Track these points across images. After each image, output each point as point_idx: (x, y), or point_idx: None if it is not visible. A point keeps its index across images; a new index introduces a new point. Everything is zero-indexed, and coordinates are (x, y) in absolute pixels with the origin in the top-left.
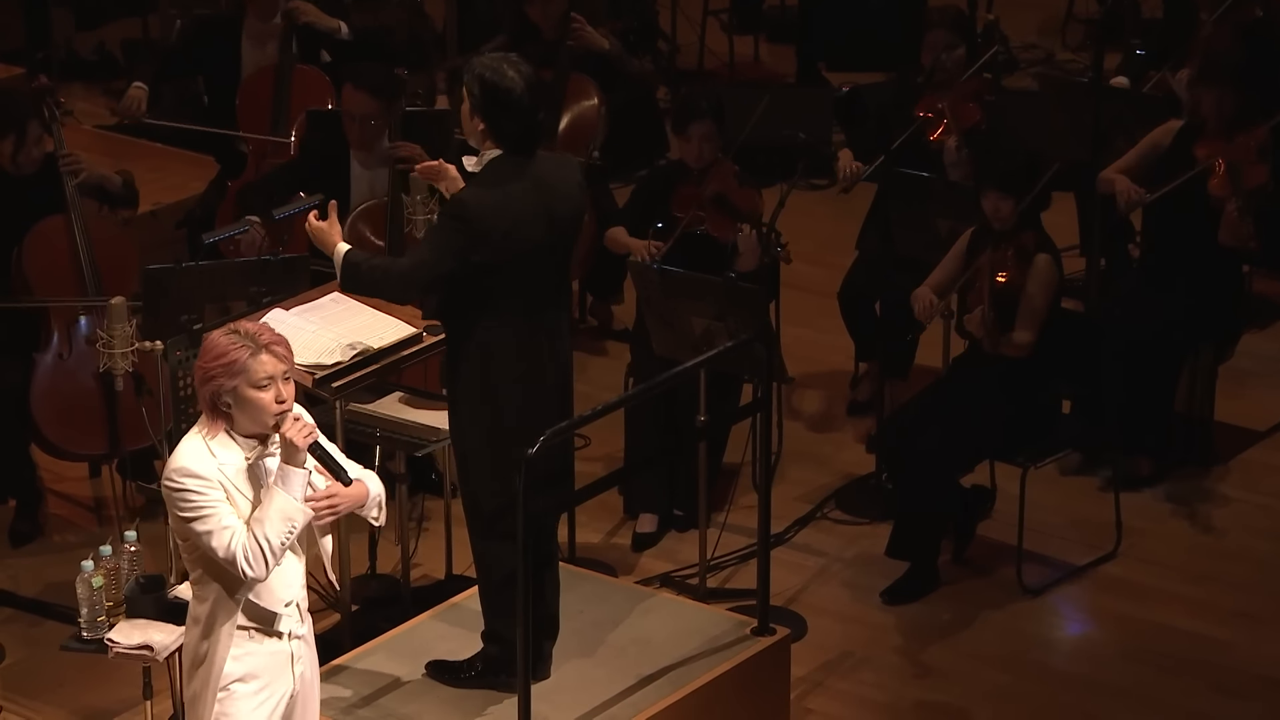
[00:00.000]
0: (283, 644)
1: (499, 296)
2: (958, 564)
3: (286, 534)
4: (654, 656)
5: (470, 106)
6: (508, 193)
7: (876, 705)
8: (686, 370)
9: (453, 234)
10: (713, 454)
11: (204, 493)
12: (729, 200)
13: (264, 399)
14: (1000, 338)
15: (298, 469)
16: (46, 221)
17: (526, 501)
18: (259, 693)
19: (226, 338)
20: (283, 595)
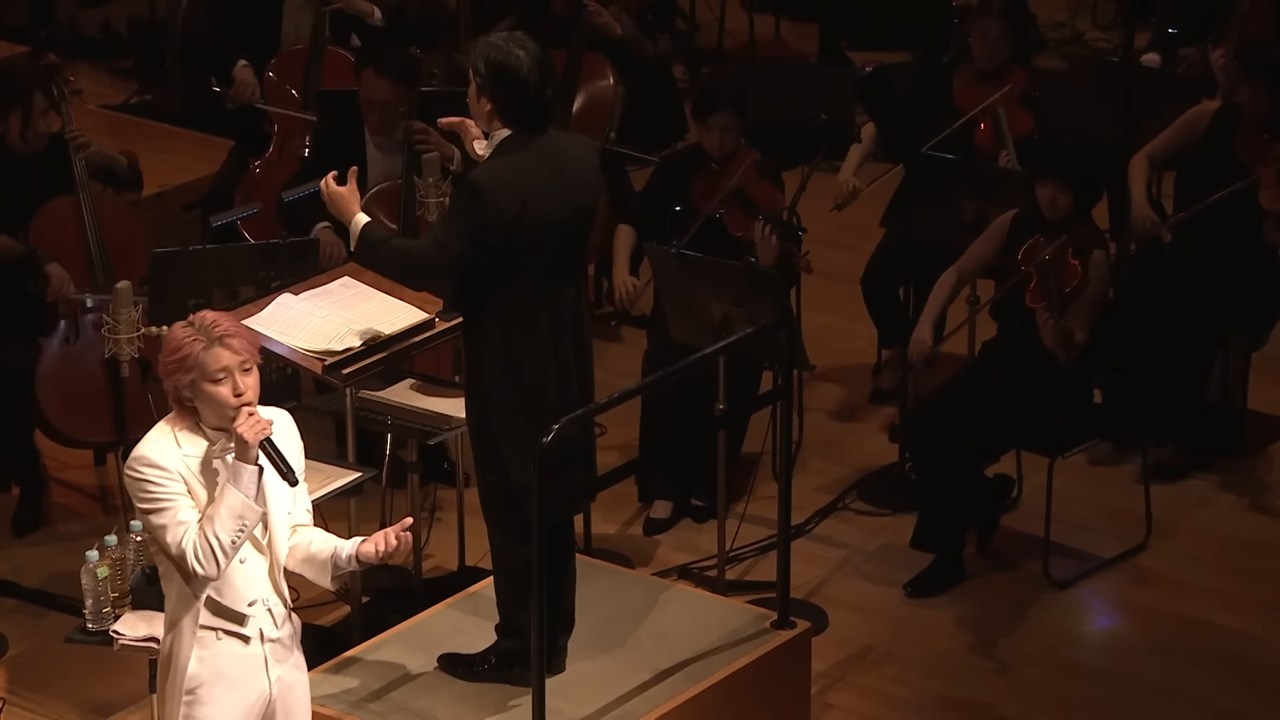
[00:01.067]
0: (253, 647)
1: (515, 276)
2: (983, 556)
3: (237, 532)
4: (671, 650)
5: (477, 88)
6: (519, 171)
7: (899, 701)
8: (705, 357)
9: (467, 215)
10: (732, 443)
11: (163, 484)
12: (748, 196)
13: (220, 393)
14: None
15: (248, 465)
16: (54, 202)
17: (542, 490)
18: (226, 696)
19: (183, 331)
20: (246, 594)
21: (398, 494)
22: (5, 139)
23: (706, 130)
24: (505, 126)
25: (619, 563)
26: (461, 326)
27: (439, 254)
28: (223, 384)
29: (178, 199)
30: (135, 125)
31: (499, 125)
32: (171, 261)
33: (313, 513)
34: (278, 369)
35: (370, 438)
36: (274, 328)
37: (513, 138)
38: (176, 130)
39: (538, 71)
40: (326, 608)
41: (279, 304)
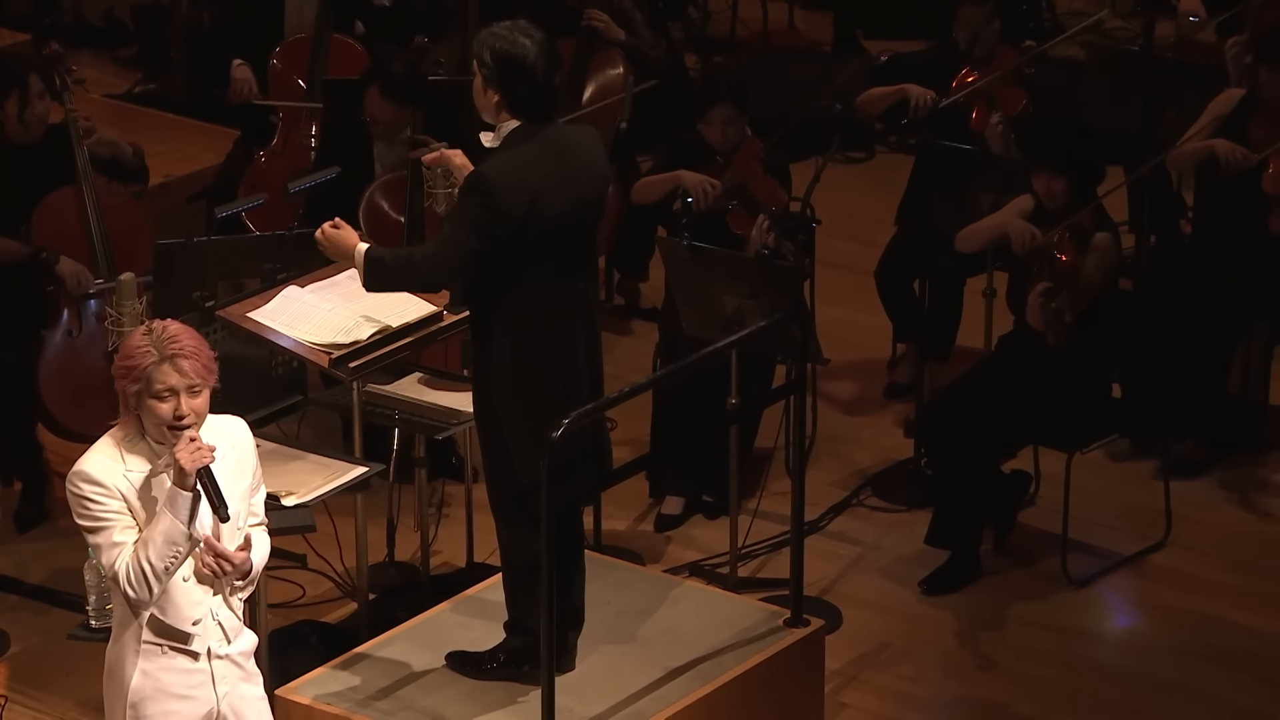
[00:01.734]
0: (200, 663)
1: (526, 268)
2: (999, 553)
3: (170, 559)
4: (683, 648)
5: (483, 79)
6: (528, 162)
7: (915, 700)
8: (717, 351)
9: (477, 210)
10: (744, 438)
11: (101, 502)
12: (749, 191)
13: (161, 410)
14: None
15: (185, 492)
16: (57, 193)
17: (551, 486)
18: (172, 712)
19: (140, 339)
20: (190, 613)
21: (405, 489)
22: (4, 127)
23: (706, 124)
24: (513, 117)
25: (629, 559)
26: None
27: (452, 251)
28: (165, 402)
29: (182, 189)
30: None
31: (506, 117)
32: (176, 253)
33: (261, 518)
34: (283, 362)
35: (377, 432)
36: (280, 320)
37: (521, 129)
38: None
39: (544, 60)
40: (334, 605)
41: (285, 296)
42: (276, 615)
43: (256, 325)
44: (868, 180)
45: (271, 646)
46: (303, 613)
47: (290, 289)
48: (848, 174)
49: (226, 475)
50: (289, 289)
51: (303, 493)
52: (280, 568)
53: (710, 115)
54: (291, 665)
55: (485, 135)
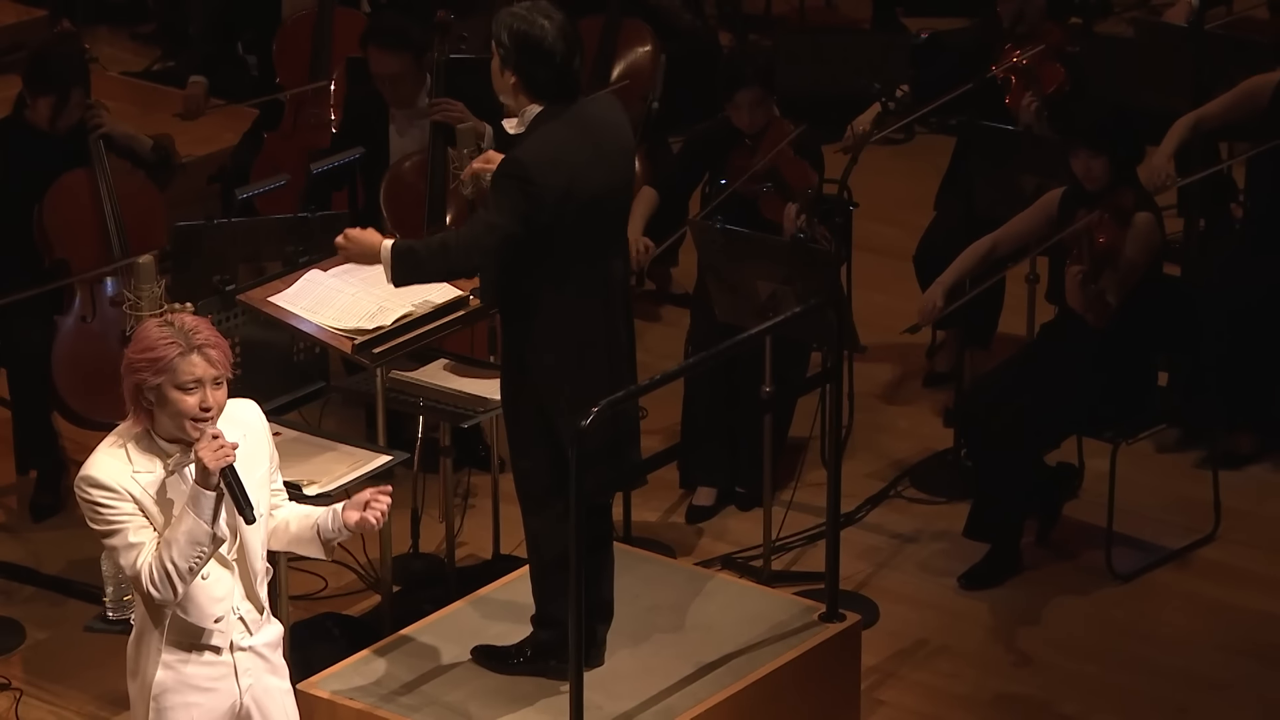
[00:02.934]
0: (223, 656)
1: (563, 251)
2: (1042, 547)
3: (195, 559)
4: (715, 643)
5: (501, 61)
6: (561, 143)
7: (953, 697)
8: (751, 337)
9: (514, 195)
10: (778, 427)
11: (113, 505)
12: (781, 177)
13: (187, 403)
14: (1104, 307)
15: (208, 492)
16: (69, 175)
17: (581, 475)
18: (194, 704)
19: (159, 330)
20: (211, 610)
21: (430, 479)
22: (29, 114)
23: (734, 107)
24: (533, 100)
25: (660, 552)
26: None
27: (488, 234)
28: (192, 394)
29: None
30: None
31: (525, 100)
32: (195, 235)
33: (283, 492)
34: (305, 348)
35: (401, 420)
36: (301, 305)
37: (545, 111)
38: None
39: (563, 41)
40: (357, 597)
41: (307, 280)
42: (298, 607)
43: (278, 310)
44: (906, 162)
45: (293, 639)
46: (325, 605)
47: (313, 272)
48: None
49: (243, 465)
50: (311, 272)
51: (325, 482)
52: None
53: (737, 99)
54: (313, 658)
55: (508, 122)
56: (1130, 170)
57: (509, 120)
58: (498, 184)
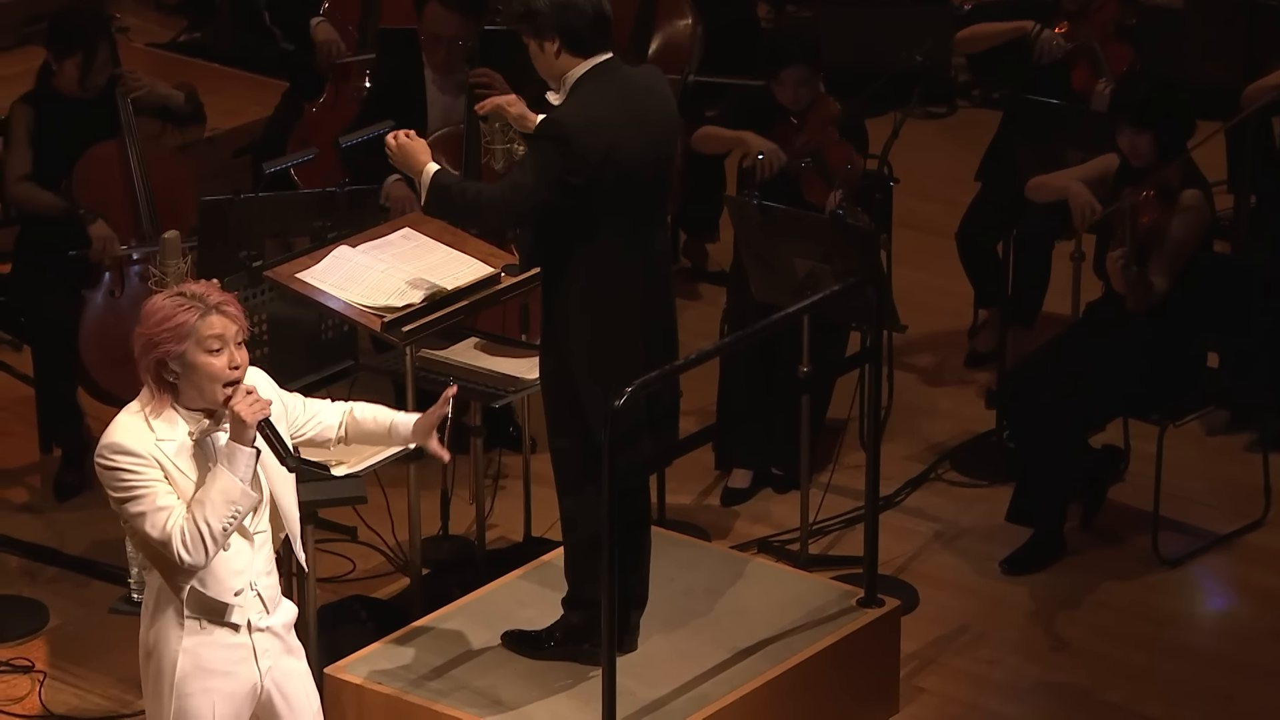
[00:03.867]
0: (241, 636)
1: (603, 218)
2: (1086, 531)
3: (229, 519)
4: (750, 628)
5: (538, 29)
6: (603, 105)
7: (995, 685)
8: (788, 316)
9: (551, 156)
10: (816, 408)
11: (138, 471)
12: (824, 158)
13: (215, 364)
14: (1145, 291)
15: (245, 448)
16: (100, 147)
17: (615, 455)
18: (215, 689)
19: (171, 300)
20: (231, 583)
21: (460, 460)
22: (56, 81)
23: (779, 85)
24: (575, 57)
25: (695, 535)
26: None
27: (516, 196)
28: (219, 355)
29: (229, 144)
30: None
31: (569, 64)
32: (222, 210)
33: (321, 403)
34: (334, 326)
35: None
36: (330, 282)
37: (588, 74)
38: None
39: None
40: (385, 580)
41: (335, 256)
42: (325, 590)
43: (306, 286)
44: (949, 136)
45: (320, 623)
46: (353, 588)
47: (341, 249)
48: (928, 130)
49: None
50: (340, 249)
51: (353, 462)
52: (330, 541)
53: (782, 76)
54: (341, 642)
55: (552, 94)
56: (1178, 146)
57: (551, 93)
58: (534, 145)
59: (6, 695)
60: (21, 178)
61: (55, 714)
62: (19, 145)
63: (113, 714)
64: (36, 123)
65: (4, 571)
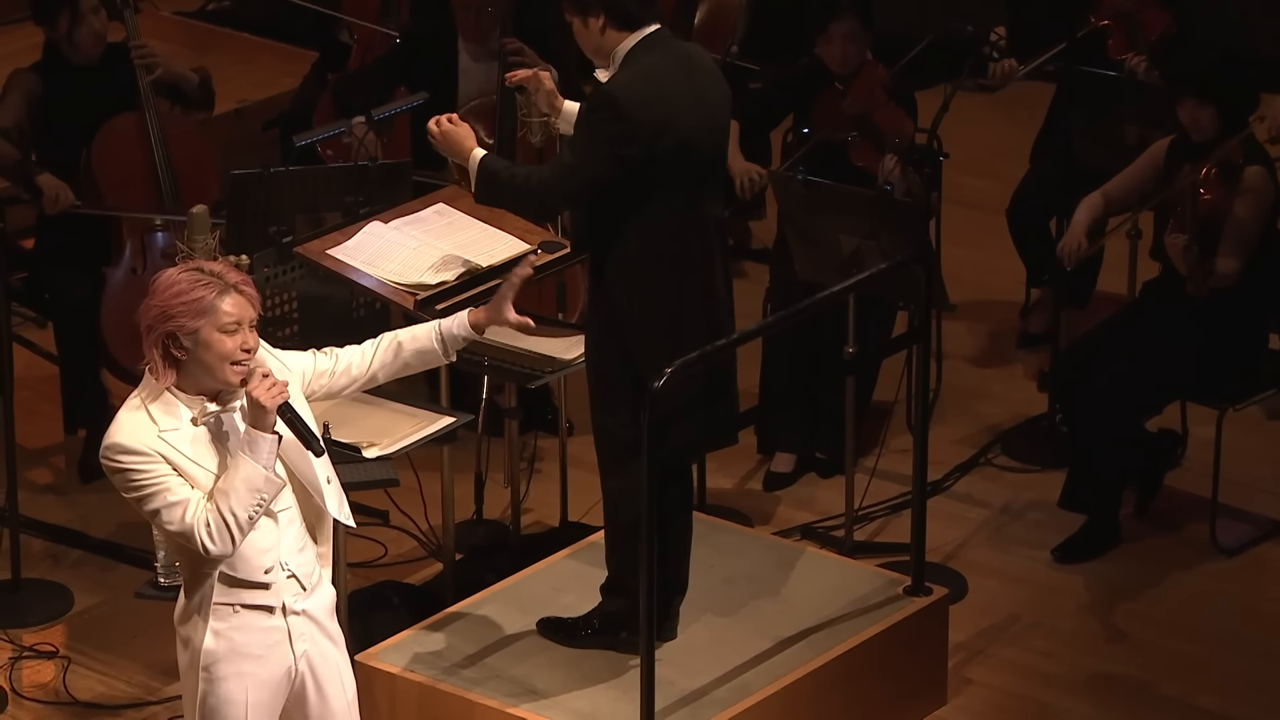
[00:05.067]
0: (275, 619)
1: (654, 193)
2: (1142, 518)
3: (255, 506)
4: (793, 617)
5: (581, 5)
6: (656, 76)
7: (1047, 676)
8: (833, 295)
9: (603, 129)
10: (861, 390)
11: (145, 469)
12: (873, 123)
13: (227, 345)
14: (1207, 275)
15: (266, 434)
16: (117, 119)
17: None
18: (247, 673)
19: (188, 274)
20: (260, 562)
21: (495, 442)
22: (59, 47)
23: (826, 41)
24: (623, 31)
25: (736, 520)
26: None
27: (570, 178)
28: (233, 335)
29: (257, 116)
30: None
31: (617, 38)
32: (251, 184)
33: (333, 350)
34: (365, 304)
35: (465, 380)
36: (362, 259)
37: (640, 46)
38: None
39: None
40: (417, 565)
41: (367, 233)
42: (357, 575)
43: (337, 263)
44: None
45: (351, 608)
46: (384, 573)
47: (373, 224)
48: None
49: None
50: (372, 224)
51: (385, 444)
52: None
53: (831, 30)
54: (372, 628)
55: (600, 72)
56: (1240, 120)
57: (600, 71)
58: (584, 119)
59: (30, 681)
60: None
61: (80, 701)
62: (9, 104)
63: (139, 700)
64: (41, 92)
65: (28, 554)
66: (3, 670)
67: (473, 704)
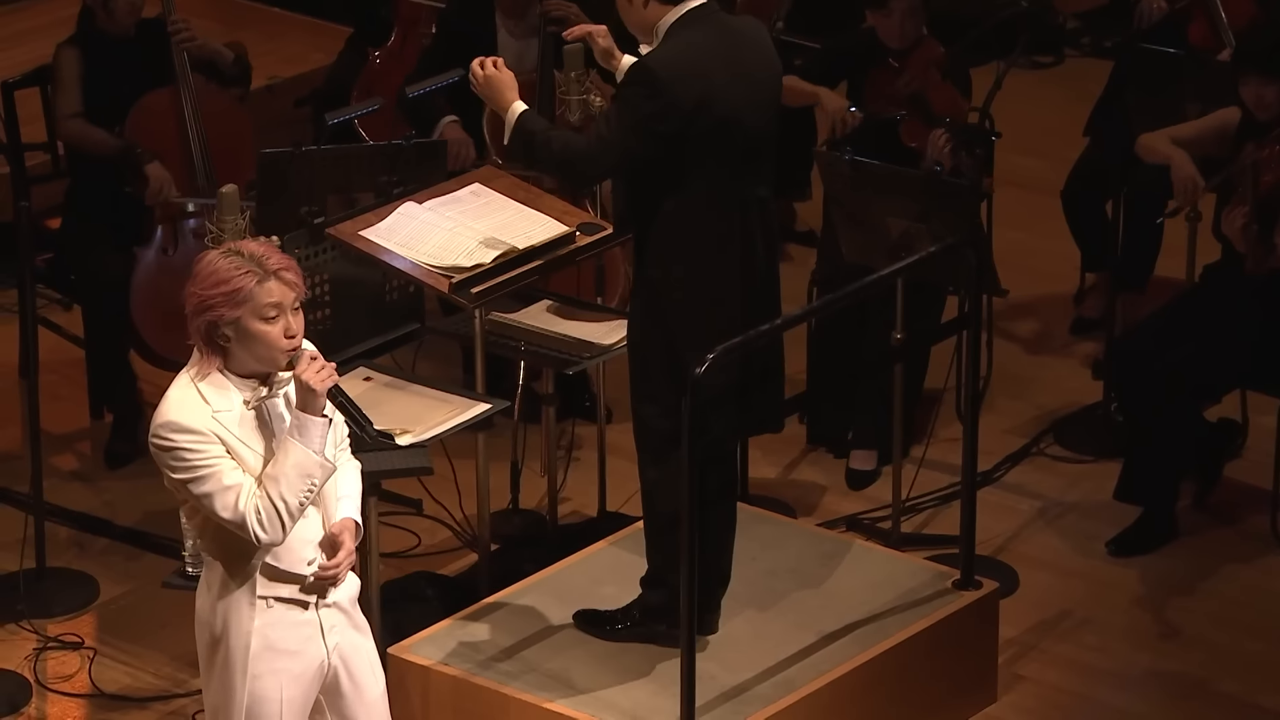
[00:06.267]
0: (309, 613)
1: (694, 172)
2: (1199, 510)
3: (305, 493)
4: (838, 610)
5: None
6: (697, 50)
7: (1100, 673)
8: (881, 279)
9: (640, 103)
10: (910, 378)
11: (200, 449)
12: (926, 100)
13: (271, 333)
14: (1266, 253)
15: (316, 418)
16: (152, 95)
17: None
18: (283, 669)
19: (227, 260)
20: (304, 554)
21: (531, 429)
22: (95, 15)
23: (885, 15)
24: (666, 4)
25: (780, 511)
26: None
27: (604, 150)
28: (275, 323)
29: (289, 93)
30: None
31: (660, 11)
32: (282, 163)
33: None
34: (399, 287)
35: (501, 365)
36: (396, 240)
37: (683, 20)
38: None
39: None
40: (451, 555)
41: (401, 214)
42: (389, 566)
43: (370, 245)
44: (1056, 88)
45: (384, 600)
46: (417, 564)
47: (407, 205)
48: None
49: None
50: (406, 205)
51: (419, 431)
52: (394, 514)
53: (890, 3)
54: (405, 621)
55: (644, 48)
56: None
57: (644, 46)
58: (621, 93)
59: (55, 673)
60: (72, 115)
61: (105, 693)
62: (68, 85)
63: (166, 693)
64: (84, 64)
65: (53, 543)
66: (27, 662)
67: (508, 698)
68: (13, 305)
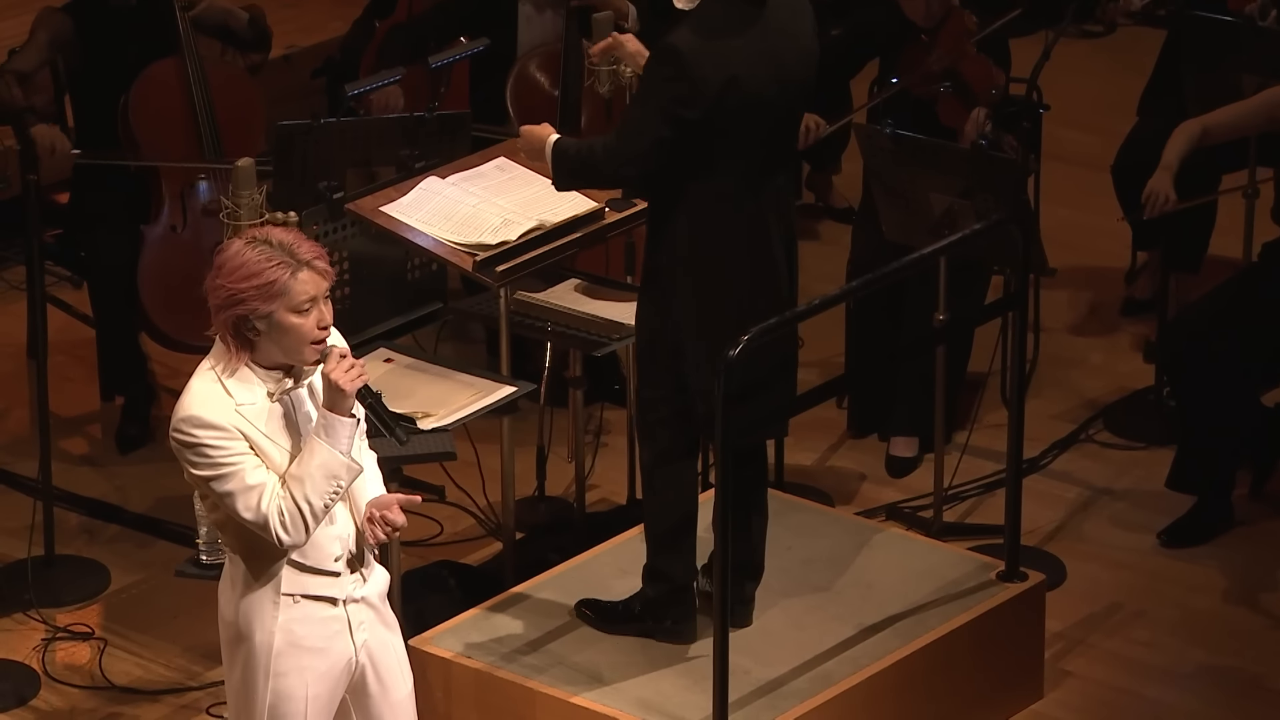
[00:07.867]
0: (337, 609)
1: (718, 159)
2: (1256, 500)
3: (331, 494)
4: (878, 603)
5: None
6: (726, 34)
7: (1151, 669)
8: (923, 258)
9: (664, 86)
10: (953, 361)
11: (223, 445)
12: (961, 76)
13: (305, 325)
14: None
15: (344, 418)
16: (156, 66)
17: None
18: (309, 667)
19: (255, 251)
20: (332, 550)
21: (558, 414)
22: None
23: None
24: None
25: (816, 499)
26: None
27: (634, 138)
28: (308, 315)
29: (305, 63)
30: None
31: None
32: (298, 136)
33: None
34: (421, 265)
35: (527, 347)
36: (418, 216)
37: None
38: None
39: None
40: (475, 544)
41: (423, 189)
42: (411, 555)
43: (391, 221)
44: (1106, 59)
45: (405, 590)
46: (440, 552)
47: (430, 180)
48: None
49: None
50: (428, 180)
51: (441, 415)
52: None
53: None
54: (427, 611)
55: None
56: None
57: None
58: (647, 75)
59: (64, 664)
60: (10, 71)
61: (116, 685)
62: (32, 46)
63: (178, 685)
64: (73, 34)
65: (62, 529)
66: (35, 653)
67: (533, 692)
68: (21, 283)
